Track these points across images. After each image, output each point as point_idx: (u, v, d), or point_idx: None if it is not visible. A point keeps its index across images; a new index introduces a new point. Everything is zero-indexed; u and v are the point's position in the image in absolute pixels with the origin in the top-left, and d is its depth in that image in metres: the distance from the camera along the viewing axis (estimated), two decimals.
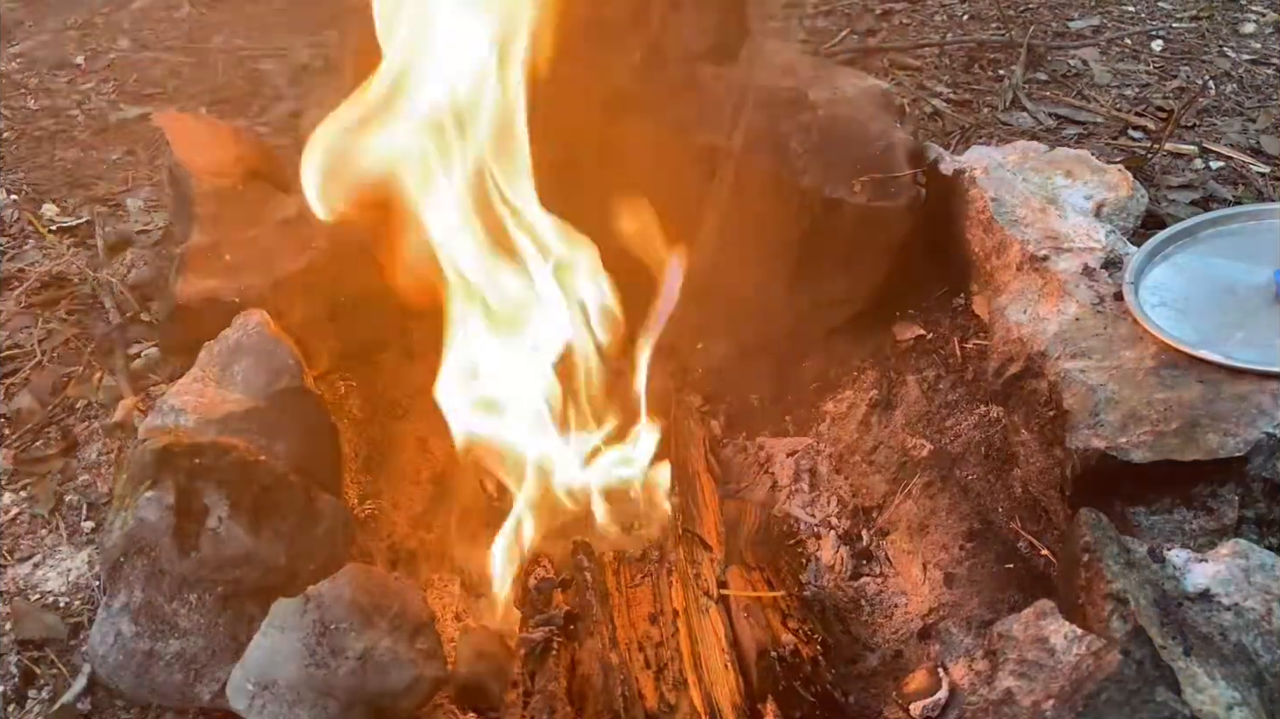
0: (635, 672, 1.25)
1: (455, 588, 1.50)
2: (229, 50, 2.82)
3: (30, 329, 1.89)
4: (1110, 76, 2.46)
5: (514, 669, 1.30)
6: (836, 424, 1.70)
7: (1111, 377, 1.32)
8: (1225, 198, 2.03)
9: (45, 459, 1.65)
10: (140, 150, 2.42)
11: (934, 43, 2.64)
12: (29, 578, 1.48)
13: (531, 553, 1.46)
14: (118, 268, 2.00)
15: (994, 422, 1.50)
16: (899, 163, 1.65)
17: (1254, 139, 2.22)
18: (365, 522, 1.49)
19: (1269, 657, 1.05)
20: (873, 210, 1.61)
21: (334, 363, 1.61)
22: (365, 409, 1.62)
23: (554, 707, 1.21)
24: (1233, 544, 1.14)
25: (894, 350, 1.70)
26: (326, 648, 1.14)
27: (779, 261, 1.66)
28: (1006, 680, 1.10)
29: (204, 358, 1.45)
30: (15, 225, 2.17)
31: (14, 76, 2.75)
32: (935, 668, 1.25)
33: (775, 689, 1.26)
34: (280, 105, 2.55)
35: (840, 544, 1.54)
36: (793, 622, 1.36)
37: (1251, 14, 2.69)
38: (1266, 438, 1.19)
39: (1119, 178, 1.73)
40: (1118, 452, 1.23)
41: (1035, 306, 1.47)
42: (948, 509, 1.49)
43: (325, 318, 1.58)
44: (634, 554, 1.41)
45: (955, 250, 1.67)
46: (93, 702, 1.33)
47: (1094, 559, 1.10)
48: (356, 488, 1.53)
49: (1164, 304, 1.40)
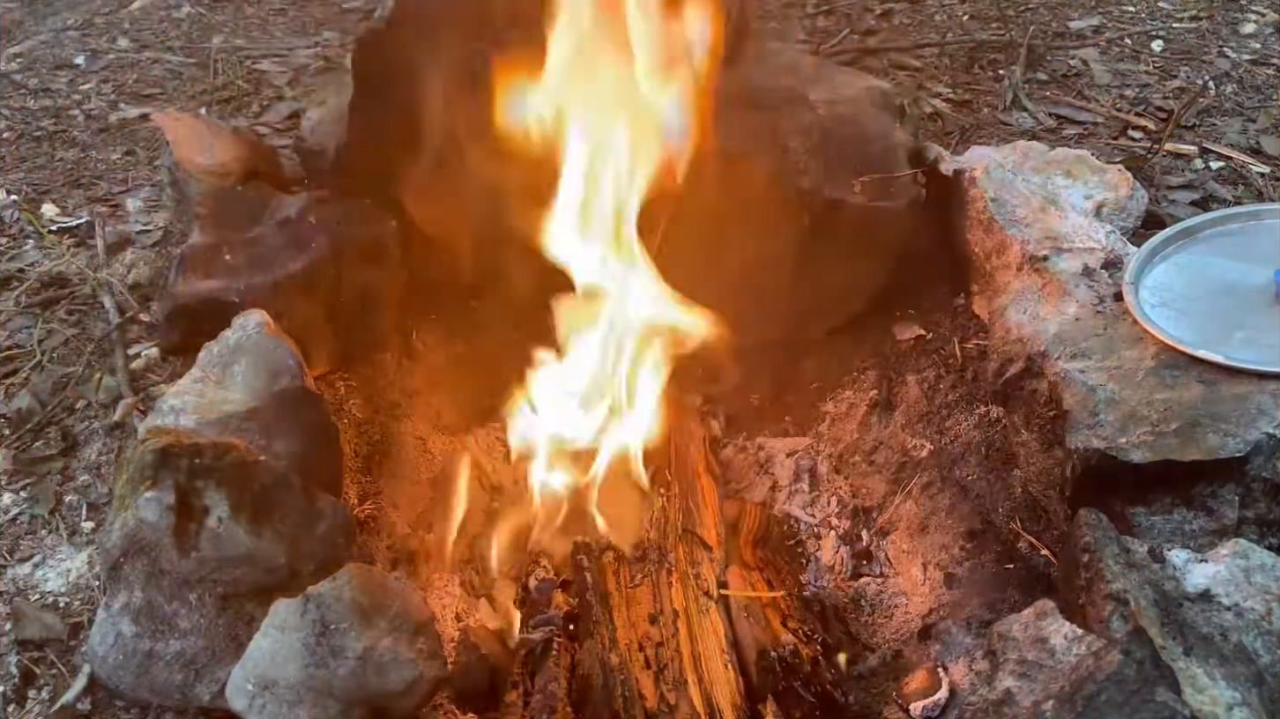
0: (635, 672, 1.25)
1: (455, 588, 1.50)
2: (229, 50, 2.82)
3: (30, 329, 1.89)
4: (1110, 76, 2.46)
5: (514, 669, 1.30)
6: (836, 424, 1.70)
7: (1111, 377, 1.32)
8: (1225, 198, 2.03)
9: (45, 459, 1.65)
10: (140, 150, 2.42)
11: (934, 43, 2.64)
12: (29, 578, 1.48)
13: (532, 552, 1.46)
14: (118, 268, 1.99)
15: (994, 422, 1.50)
16: (899, 163, 1.65)
17: (1254, 139, 2.22)
18: (365, 522, 1.49)
19: (1269, 657, 1.05)
20: (873, 210, 1.61)
21: (334, 363, 1.61)
22: (365, 409, 1.62)
23: (554, 707, 1.21)
24: (1233, 544, 1.14)
25: (894, 350, 1.70)
26: (326, 648, 1.14)
27: (779, 261, 1.66)
28: (1006, 681, 1.10)
29: (204, 358, 1.45)
30: (15, 225, 2.17)
31: (14, 76, 2.75)
32: (935, 668, 1.25)
33: (775, 689, 1.26)
34: (280, 105, 2.54)
35: (840, 544, 1.54)
36: (793, 622, 1.36)
37: (1251, 14, 2.69)
38: (1266, 438, 1.19)
39: (1119, 178, 1.73)
40: (1118, 452, 1.23)
41: (1035, 307, 1.47)
42: (948, 509, 1.49)
43: (325, 318, 1.58)
44: (634, 554, 1.42)
45: (955, 250, 1.67)
46: (93, 702, 1.33)
47: (1094, 559, 1.10)
48: (356, 488, 1.53)
49: (1164, 304, 1.40)
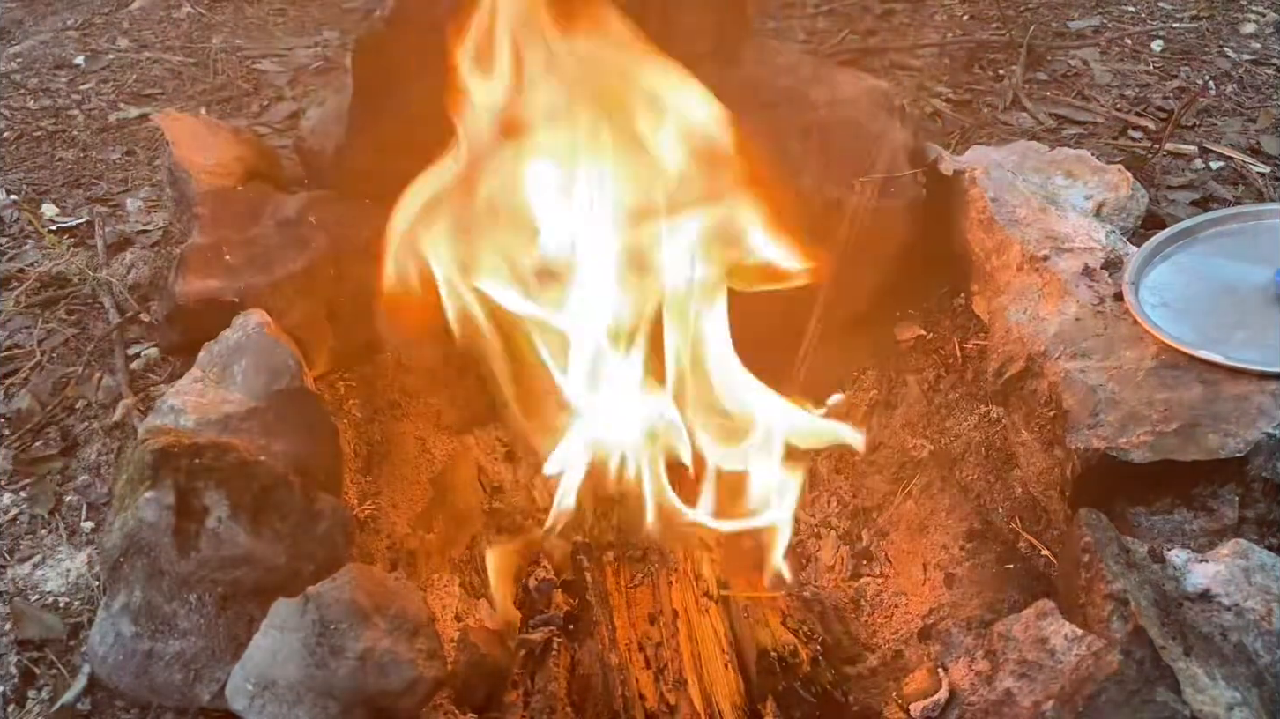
0: (635, 672, 1.25)
1: (455, 588, 1.50)
2: (229, 50, 2.82)
3: (30, 329, 1.89)
4: (1110, 76, 2.46)
5: (514, 669, 1.30)
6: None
7: (1111, 377, 1.32)
8: (1225, 198, 2.03)
9: (45, 459, 1.65)
10: (140, 150, 2.42)
11: (934, 43, 2.64)
12: (29, 578, 1.48)
13: (533, 552, 1.46)
14: (117, 268, 1.99)
15: (994, 422, 1.50)
16: (899, 163, 1.65)
17: (1254, 139, 2.22)
18: (365, 522, 1.49)
19: (1269, 657, 1.05)
20: (873, 210, 1.61)
21: (334, 363, 1.61)
22: (365, 409, 1.61)
23: (554, 707, 1.21)
24: (1233, 544, 1.14)
25: (894, 350, 1.70)
26: (326, 648, 1.14)
27: None
28: (1006, 681, 1.10)
29: (204, 358, 1.45)
30: (15, 225, 2.17)
31: (14, 76, 2.75)
32: (935, 668, 1.25)
33: (775, 689, 1.26)
34: (280, 105, 2.54)
35: (840, 544, 1.54)
36: (793, 622, 1.36)
37: (1252, 14, 2.69)
38: (1267, 438, 1.19)
39: (1119, 178, 1.74)
40: (1118, 452, 1.23)
41: (1035, 307, 1.47)
42: (948, 509, 1.49)
43: (325, 318, 1.58)
44: (635, 554, 1.41)
45: (955, 250, 1.67)
46: (92, 702, 1.32)
47: (1094, 559, 1.10)
48: (356, 488, 1.53)
49: (1164, 304, 1.40)
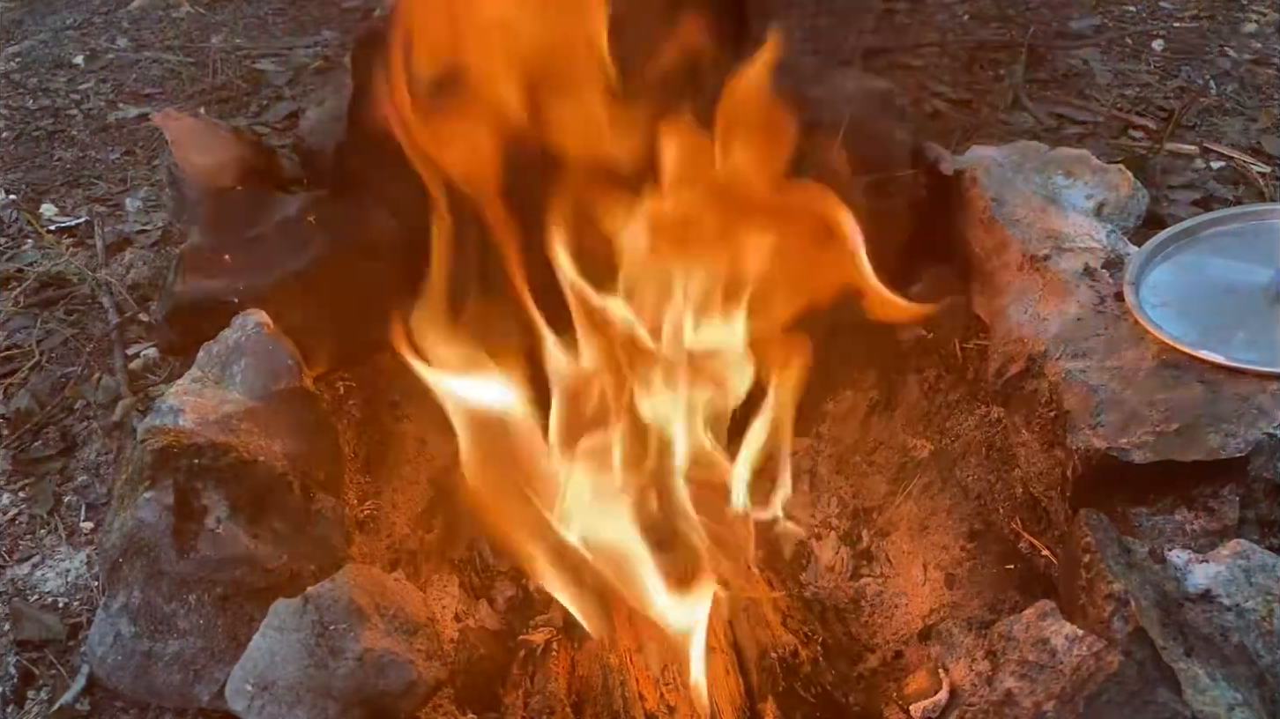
0: (635, 672, 1.25)
1: (455, 588, 1.50)
2: (228, 50, 2.82)
3: (29, 329, 1.89)
4: (1111, 76, 2.46)
5: (514, 669, 1.30)
6: (836, 424, 1.70)
7: (1112, 377, 1.32)
8: (1226, 198, 2.03)
9: (44, 459, 1.65)
10: (139, 150, 2.42)
11: (934, 43, 2.64)
12: (28, 578, 1.48)
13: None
14: (117, 268, 1.99)
15: (994, 422, 1.50)
16: (899, 163, 1.65)
17: (1255, 139, 2.22)
18: (365, 522, 1.49)
19: (1270, 657, 1.05)
20: (872, 210, 1.61)
21: (334, 363, 1.61)
22: (365, 409, 1.61)
23: (553, 707, 1.21)
24: (1234, 545, 1.13)
25: (894, 350, 1.70)
26: (326, 648, 1.14)
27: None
28: (1007, 681, 1.10)
29: (203, 358, 1.45)
30: (14, 225, 2.17)
31: (13, 76, 2.74)
32: (936, 669, 1.25)
33: (775, 690, 1.26)
34: (280, 105, 2.54)
35: (840, 544, 1.54)
36: (793, 622, 1.36)
37: (1252, 14, 2.68)
38: (1267, 438, 1.19)
39: (1120, 177, 1.73)
40: (1118, 452, 1.22)
41: (1036, 307, 1.47)
42: (948, 509, 1.49)
43: (325, 318, 1.58)
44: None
45: (955, 250, 1.67)
46: (92, 702, 1.32)
47: (1095, 560, 1.10)
48: (356, 488, 1.53)
49: (1165, 304, 1.40)
